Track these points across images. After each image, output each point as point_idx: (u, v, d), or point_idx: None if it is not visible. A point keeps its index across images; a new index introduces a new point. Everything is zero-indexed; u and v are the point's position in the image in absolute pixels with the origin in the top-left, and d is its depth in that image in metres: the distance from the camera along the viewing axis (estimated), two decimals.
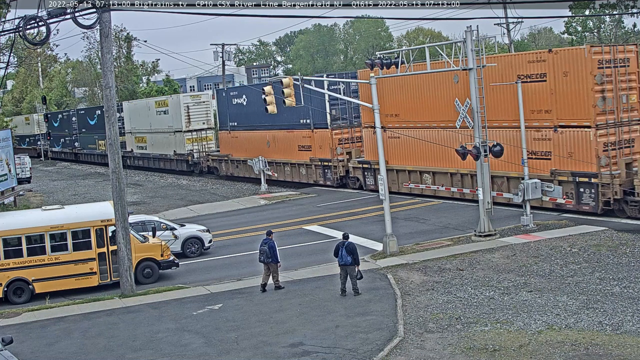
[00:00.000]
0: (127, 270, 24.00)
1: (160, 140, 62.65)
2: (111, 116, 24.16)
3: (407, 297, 20.45)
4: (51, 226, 24.59)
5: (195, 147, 58.30)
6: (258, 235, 32.33)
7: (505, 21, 61.36)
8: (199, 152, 58.20)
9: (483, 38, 27.41)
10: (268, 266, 22.57)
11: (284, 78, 28.15)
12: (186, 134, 58.35)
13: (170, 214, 39.50)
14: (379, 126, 26.44)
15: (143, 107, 66.50)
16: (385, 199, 26.09)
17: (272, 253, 22.39)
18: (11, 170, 38.85)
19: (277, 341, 17.78)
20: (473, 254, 24.73)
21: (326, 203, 39.03)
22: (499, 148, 26.90)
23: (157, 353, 17.86)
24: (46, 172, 72.85)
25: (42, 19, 22.94)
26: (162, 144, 62.28)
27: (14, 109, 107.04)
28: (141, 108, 66.86)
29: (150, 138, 64.86)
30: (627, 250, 23.53)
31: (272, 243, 22.54)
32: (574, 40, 79.14)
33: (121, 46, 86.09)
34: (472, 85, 26.91)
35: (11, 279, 24.17)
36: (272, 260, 22.42)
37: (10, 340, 15.97)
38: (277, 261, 22.56)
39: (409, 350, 16.46)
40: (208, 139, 58.74)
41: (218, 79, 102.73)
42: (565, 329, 17.00)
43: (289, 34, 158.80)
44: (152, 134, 64.29)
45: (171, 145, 60.56)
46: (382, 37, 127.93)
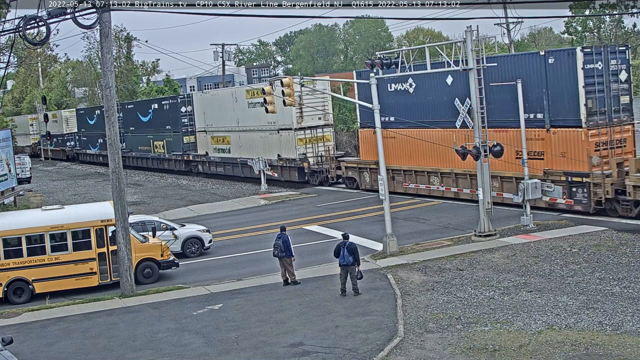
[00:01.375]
0: (127, 270, 24.00)
1: (255, 141, 49.35)
2: (111, 116, 24.14)
3: (407, 297, 20.46)
4: (51, 226, 24.59)
5: (309, 150, 45.43)
6: (258, 235, 32.44)
7: (505, 21, 61.36)
8: (316, 156, 45.50)
9: (483, 38, 27.42)
10: (282, 261, 22.85)
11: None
12: (298, 132, 45.20)
13: (170, 214, 39.51)
14: (378, 126, 26.44)
15: (226, 98, 52.77)
16: (385, 199, 26.08)
17: (286, 247, 22.71)
18: (11, 170, 38.85)
19: (277, 341, 17.79)
20: (473, 254, 24.73)
21: (326, 203, 39.04)
22: (499, 148, 26.94)
23: (157, 353, 17.86)
24: (46, 172, 72.85)
25: (42, 19, 22.94)
26: (258, 145, 48.92)
27: (14, 109, 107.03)
28: (222, 99, 53.30)
29: (237, 138, 51.52)
30: (627, 250, 23.53)
31: (286, 237, 22.88)
32: (574, 40, 79.09)
33: (121, 46, 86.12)
34: (472, 85, 26.92)
35: (11, 279, 24.16)
36: (286, 254, 22.73)
37: (10, 340, 15.98)
38: (292, 255, 22.90)
39: (409, 350, 16.46)
40: (326, 139, 45.83)
41: (218, 79, 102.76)
42: (565, 329, 17.00)
43: (289, 34, 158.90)
44: (241, 133, 50.81)
45: (273, 147, 47.37)
46: (382, 37, 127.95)
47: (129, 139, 68.05)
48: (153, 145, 63.62)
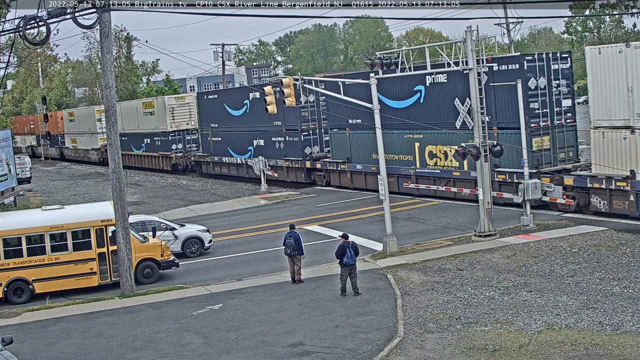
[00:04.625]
0: (127, 270, 24.00)
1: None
2: (111, 116, 24.16)
3: (407, 297, 20.46)
4: (51, 226, 24.58)
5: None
6: (258, 235, 32.45)
7: (505, 21, 61.43)
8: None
9: (483, 38, 27.42)
10: (292, 259, 23.00)
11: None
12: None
13: (170, 214, 39.50)
14: (378, 126, 26.44)
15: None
16: (385, 199, 26.09)
17: (298, 245, 22.85)
18: (11, 170, 38.87)
19: (277, 341, 17.79)
20: (473, 254, 24.73)
21: (326, 203, 39.03)
22: (499, 148, 26.97)
23: (157, 353, 17.86)
24: (46, 172, 72.80)
25: (42, 19, 22.93)
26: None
27: (14, 109, 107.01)
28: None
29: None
30: (627, 250, 23.53)
31: (297, 235, 23.03)
32: (574, 40, 79.15)
33: (121, 46, 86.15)
34: (472, 85, 26.93)
35: (11, 279, 24.15)
36: (298, 252, 22.88)
37: (10, 340, 15.98)
38: (303, 253, 23.06)
39: (409, 350, 16.47)
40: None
41: (218, 79, 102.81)
42: (565, 329, 17.00)
43: (289, 34, 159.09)
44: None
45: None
46: (382, 37, 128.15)
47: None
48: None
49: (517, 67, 30.88)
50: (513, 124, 30.25)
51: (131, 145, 66.05)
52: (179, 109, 59.38)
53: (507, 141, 29.78)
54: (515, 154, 29.84)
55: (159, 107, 60.29)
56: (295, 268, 23.10)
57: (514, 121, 29.79)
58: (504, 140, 29.70)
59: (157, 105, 60.84)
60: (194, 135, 59.69)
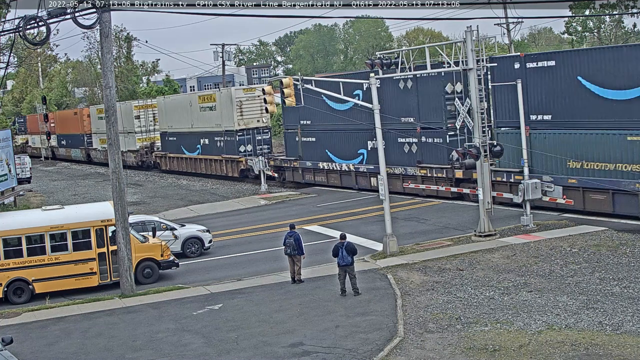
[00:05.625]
0: (127, 270, 24.00)
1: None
2: (111, 116, 24.16)
3: (407, 297, 20.45)
4: (51, 226, 24.58)
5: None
6: (258, 235, 32.46)
7: (505, 21, 61.38)
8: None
9: (483, 38, 27.43)
10: (292, 258, 23.00)
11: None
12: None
13: (170, 214, 39.50)
14: (378, 126, 26.43)
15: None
16: (385, 199, 26.09)
17: (298, 245, 22.84)
18: (11, 170, 38.85)
19: (277, 341, 17.79)
20: (473, 254, 24.73)
21: (326, 203, 39.02)
22: (499, 148, 26.96)
23: (157, 353, 17.86)
24: (46, 172, 72.82)
25: (42, 19, 22.94)
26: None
27: (14, 109, 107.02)
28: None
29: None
30: (627, 250, 23.53)
31: (297, 235, 23.02)
32: (574, 41, 79.07)
33: (121, 46, 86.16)
34: (472, 85, 26.93)
35: (11, 279, 24.15)
36: (298, 252, 22.87)
37: (10, 340, 15.99)
38: (303, 253, 23.05)
39: (409, 350, 16.47)
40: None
41: (218, 79, 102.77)
42: (565, 329, 17.00)
43: (289, 34, 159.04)
44: None
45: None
46: (382, 37, 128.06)
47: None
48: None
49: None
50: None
51: (182, 146, 56.65)
52: (248, 103, 49.83)
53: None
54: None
55: (223, 100, 50.74)
56: (295, 268, 23.10)
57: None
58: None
59: (221, 98, 51.23)
60: (265, 134, 50.45)
